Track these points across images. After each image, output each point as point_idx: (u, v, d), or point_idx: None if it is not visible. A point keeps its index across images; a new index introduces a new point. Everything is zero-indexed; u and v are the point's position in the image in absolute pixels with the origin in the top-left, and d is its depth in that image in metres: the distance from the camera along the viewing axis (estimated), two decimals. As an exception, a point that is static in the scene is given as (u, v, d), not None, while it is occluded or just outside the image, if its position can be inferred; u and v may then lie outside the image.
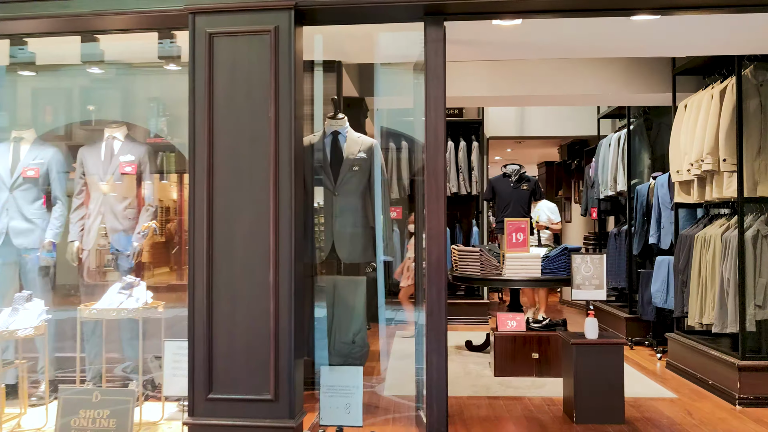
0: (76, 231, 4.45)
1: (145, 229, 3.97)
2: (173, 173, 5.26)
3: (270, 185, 3.26)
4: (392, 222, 4.05)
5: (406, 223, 7.49)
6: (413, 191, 8.26)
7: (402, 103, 6.47)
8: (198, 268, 3.28)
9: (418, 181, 7.64)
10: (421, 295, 4.10)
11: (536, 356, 5.54)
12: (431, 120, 3.37)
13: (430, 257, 3.34)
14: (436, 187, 3.35)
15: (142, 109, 4.82)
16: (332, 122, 3.97)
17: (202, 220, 3.28)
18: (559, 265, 5.83)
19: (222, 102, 3.31)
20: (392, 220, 4.17)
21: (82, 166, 4.51)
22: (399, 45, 4.66)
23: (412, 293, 6.99)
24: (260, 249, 3.26)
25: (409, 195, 8.41)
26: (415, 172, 8.18)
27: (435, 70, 3.38)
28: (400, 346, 6.78)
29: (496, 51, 4.41)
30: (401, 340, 7.10)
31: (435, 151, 3.35)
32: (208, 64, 3.32)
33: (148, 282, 4.34)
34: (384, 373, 5.60)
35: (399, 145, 8.27)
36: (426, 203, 3.35)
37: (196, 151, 3.32)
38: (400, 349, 6.64)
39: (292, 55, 3.28)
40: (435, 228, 3.35)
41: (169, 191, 5.25)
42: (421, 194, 3.53)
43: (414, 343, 4.34)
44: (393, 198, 8.10)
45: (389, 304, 7.37)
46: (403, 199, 8.40)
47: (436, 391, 3.32)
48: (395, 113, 6.87)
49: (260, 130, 3.29)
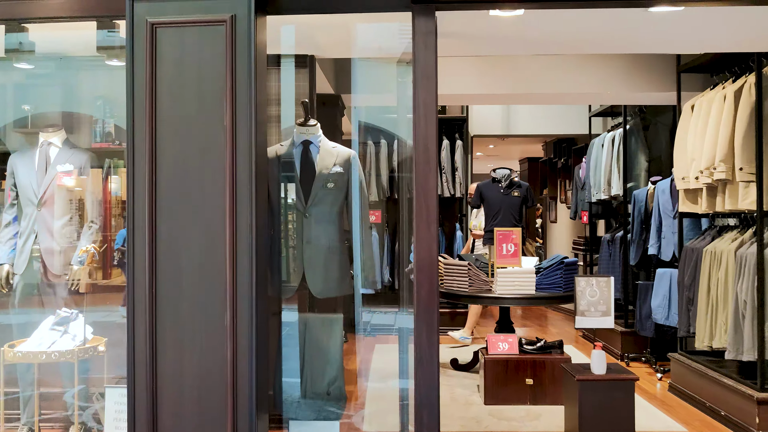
0: (5, 252, 3.83)
1: (83, 253, 3.37)
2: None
3: (226, 206, 2.69)
4: (371, 230, 3.48)
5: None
6: (392, 191, 7.70)
7: (382, 101, 5.93)
8: (138, 308, 2.70)
9: (402, 178, 7.09)
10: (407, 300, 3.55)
11: (530, 382, 5.04)
12: (420, 129, 2.81)
13: (420, 290, 2.80)
14: (426, 209, 2.80)
15: (85, 109, 4.20)
16: (302, 130, 3.38)
17: (143, 250, 2.70)
18: (554, 280, 5.34)
19: (167, 106, 2.73)
20: (371, 225, 3.60)
21: (12, 176, 3.88)
22: (380, 37, 4.10)
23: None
24: (214, 284, 2.69)
25: (388, 196, 7.87)
26: (393, 169, 7.65)
27: (425, 68, 2.82)
28: (382, 362, 6.21)
29: (491, 46, 3.88)
30: (383, 351, 6.53)
31: (425, 167, 2.80)
32: (150, 60, 2.74)
33: (96, 310, 3.76)
34: (363, 396, 5.05)
35: (377, 140, 7.71)
36: (415, 227, 2.80)
37: (135, 166, 2.73)
38: (381, 367, 6.07)
39: (252, 49, 2.71)
40: (425, 257, 2.80)
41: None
42: (406, 200, 2.97)
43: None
44: (372, 200, 7.54)
45: (369, 305, 6.77)
46: (381, 201, 7.86)
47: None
48: (374, 110, 6.31)
49: (214, 140, 2.71)
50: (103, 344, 3.42)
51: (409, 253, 3.80)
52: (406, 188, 7.33)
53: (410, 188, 4.22)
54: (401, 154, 7.26)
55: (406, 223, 3.86)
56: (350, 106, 5.97)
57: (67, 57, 4.04)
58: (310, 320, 3.22)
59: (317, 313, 3.28)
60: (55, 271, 3.77)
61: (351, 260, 3.35)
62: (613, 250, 7.14)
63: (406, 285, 3.69)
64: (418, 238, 2.80)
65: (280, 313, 3.16)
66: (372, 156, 7.75)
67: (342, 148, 3.42)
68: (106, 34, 3.46)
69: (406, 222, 3.86)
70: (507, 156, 14.05)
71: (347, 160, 3.36)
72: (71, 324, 3.37)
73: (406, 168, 7.34)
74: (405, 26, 3.99)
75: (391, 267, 7.79)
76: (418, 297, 2.81)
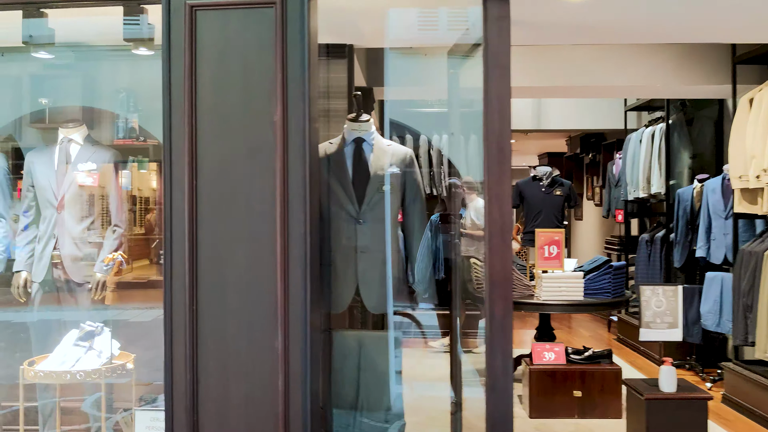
0: (22, 258, 3.52)
1: (109, 262, 3.06)
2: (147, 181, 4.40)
3: (276, 213, 2.37)
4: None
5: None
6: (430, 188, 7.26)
7: (417, 94, 5.61)
8: (177, 328, 2.39)
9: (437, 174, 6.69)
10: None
11: (579, 394, 4.72)
12: (493, 126, 2.49)
13: (493, 309, 2.48)
14: (501, 216, 2.48)
15: (106, 103, 3.89)
16: (354, 126, 3.04)
17: (182, 263, 2.39)
18: (602, 285, 5.01)
19: (209, 100, 2.42)
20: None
21: (30, 175, 3.57)
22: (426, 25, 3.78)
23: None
24: (263, 302, 2.38)
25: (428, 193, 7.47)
26: (433, 171, 7.27)
27: (498, 57, 2.49)
28: (426, 367, 5.84)
29: (556, 34, 3.54)
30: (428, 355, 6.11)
31: (499, 168, 2.48)
32: (189, 48, 2.42)
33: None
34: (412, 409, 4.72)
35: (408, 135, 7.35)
36: (487, 237, 2.48)
37: (172, 168, 2.42)
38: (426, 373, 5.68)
39: (305, 35, 2.39)
40: (499, 271, 2.48)
41: (149, 180, 4.59)
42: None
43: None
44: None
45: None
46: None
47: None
48: (406, 103, 5.98)
49: (262, 138, 2.40)
50: (132, 360, 3.12)
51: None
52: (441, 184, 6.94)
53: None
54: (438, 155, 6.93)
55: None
56: (379, 99, 5.65)
57: (89, 47, 3.72)
58: (364, 339, 2.90)
59: (372, 331, 2.96)
60: (77, 280, 3.47)
61: (406, 270, 3.03)
62: (652, 251, 6.81)
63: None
64: (491, 249, 2.48)
65: (330, 330, 2.85)
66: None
67: (398, 147, 3.08)
68: (133, 21, 3.15)
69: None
70: (525, 151, 13.65)
71: (404, 159, 3.02)
72: (96, 339, 3.07)
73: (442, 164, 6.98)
74: (455, 13, 3.68)
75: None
76: (491, 317, 2.49)
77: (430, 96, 6.00)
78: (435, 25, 3.73)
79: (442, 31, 3.76)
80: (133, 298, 3.99)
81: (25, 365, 2.98)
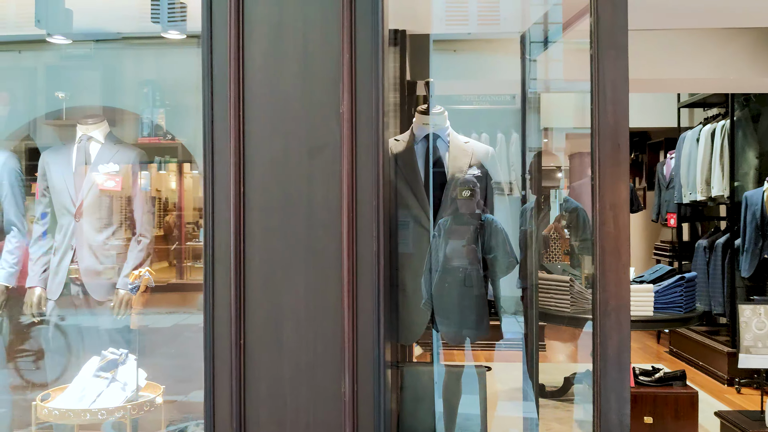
0: (36, 272, 3.11)
1: (136, 280, 2.63)
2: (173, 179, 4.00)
3: (342, 227, 1.93)
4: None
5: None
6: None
7: (466, 88, 5.15)
8: (220, 371, 1.94)
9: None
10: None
11: (650, 420, 4.25)
12: (606, 119, 2.03)
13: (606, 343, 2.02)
14: (616, 230, 2.01)
15: (130, 96, 3.47)
16: (425, 119, 2.57)
17: (227, 287, 1.95)
18: (674, 299, 4.53)
19: (260, 89, 1.97)
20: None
21: (45, 178, 3.16)
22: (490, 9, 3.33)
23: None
24: (326, 338, 1.93)
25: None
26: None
27: (612, 35, 2.03)
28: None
29: (670, 17, 3.07)
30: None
31: (614, 171, 2.02)
32: (235, 25, 1.98)
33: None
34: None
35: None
36: (599, 256, 2.02)
37: (214, 172, 1.98)
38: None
39: (379, 8, 1.94)
40: (613, 296, 2.02)
41: (168, 181, 4.45)
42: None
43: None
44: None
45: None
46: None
47: None
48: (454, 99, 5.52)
49: (325, 135, 1.95)
50: (161, 393, 2.69)
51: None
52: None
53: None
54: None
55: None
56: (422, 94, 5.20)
57: (110, 33, 3.30)
58: (445, 372, 2.43)
59: (454, 363, 2.49)
60: (98, 297, 3.05)
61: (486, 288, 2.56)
62: (713, 259, 6.30)
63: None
64: (604, 271, 2.02)
65: (399, 365, 2.40)
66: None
67: (476, 144, 2.61)
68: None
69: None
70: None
71: (485, 158, 2.55)
72: (120, 368, 2.65)
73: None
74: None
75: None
76: (602, 354, 2.03)
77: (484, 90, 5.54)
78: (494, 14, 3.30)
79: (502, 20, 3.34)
80: (151, 303, 3.65)
81: (37, 401, 2.55)
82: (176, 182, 4.54)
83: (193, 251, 5.74)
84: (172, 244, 4.62)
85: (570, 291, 4.58)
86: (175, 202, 4.60)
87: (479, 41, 5.06)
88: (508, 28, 3.34)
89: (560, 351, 6.80)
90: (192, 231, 6.12)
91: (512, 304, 2.93)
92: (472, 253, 2.42)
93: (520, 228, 2.94)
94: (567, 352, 6.61)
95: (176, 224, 4.76)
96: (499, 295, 2.50)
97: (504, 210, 2.72)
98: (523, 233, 3.00)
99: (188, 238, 5.69)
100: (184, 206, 4.75)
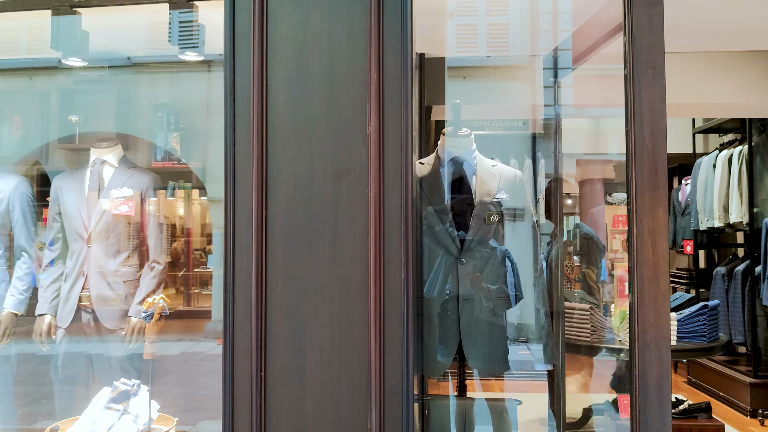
0: (46, 300, 3.03)
1: (150, 307, 2.54)
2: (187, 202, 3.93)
3: (369, 253, 1.84)
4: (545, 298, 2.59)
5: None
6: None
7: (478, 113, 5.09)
8: (240, 405, 1.85)
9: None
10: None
11: (675, 455, 4.10)
12: (644, 142, 1.95)
13: (646, 376, 1.92)
14: (654, 258, 1.92)
15: (144, 120, 3.41)
16: (452, 142, 2.49)
17: (247, 315, 1.86)
18: (696, 328, 4.40)
19: (284, 110, 1.90)
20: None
21: (57, 203, 3.09)
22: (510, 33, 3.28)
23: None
24: (352, 371, 1.83)
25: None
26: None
27: (651, 54, 1.96)
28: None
29: (687, 39, 3.01)
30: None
31: (653, 196, 1.93)
32: (259, 44, 1.91)
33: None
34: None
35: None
36: (637, 285, 1.92)
37: (236, 195, 1.90)
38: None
39: (408, 24, 1.88)
40: (652, 327, 1.92)
41: (175, 207, 4.33)
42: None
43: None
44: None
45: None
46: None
47: None
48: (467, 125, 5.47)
49: (352, 157, 1.87)
50: (174, 426, 2.58)
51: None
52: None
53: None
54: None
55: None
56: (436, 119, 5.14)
57: (125, 57, 3.26)
58: (473, 408, 2.32)
59: (488, 397, 2.38)
60: (110, 325, 2.96)
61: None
62: (732, 286, 6.17)
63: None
64: (643, 300, 1.92)
65: (424, 398, 2.29)
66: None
67: (504, 168, 2.52)
68: (181, 22, 2.67)
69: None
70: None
71: (514, 183, 2.46)
72: (132, 400, 2.54)
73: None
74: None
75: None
76: (642, 387, 1.92)
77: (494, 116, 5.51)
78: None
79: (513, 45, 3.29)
80: (160, 330, 3.57)
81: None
82: (184, 208, 4.47)
83: (200, 278, 5.66)
84: (180, 271, 4.61)
85: (590, 320, 4.47)
86: (183, 229, 4.55)
87: (488, 68, 5.02)
88: (517, 54, 3.30)
89: (574, 380, 6.65)
90: (199, 257, 6.05)
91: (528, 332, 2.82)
92: (500, 281, 2.32)
93: (540, 255, 2.85)
94: (581, 381, 6.46)
95: (183, 251, 4.73)
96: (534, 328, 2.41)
97: (516, 237, 2.63)
98: (542, 260, 2.91)
99: (195, 264, 5.63)
100: (192, 233, 4.71)
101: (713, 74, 4.98)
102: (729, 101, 5.02)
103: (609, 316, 4.62)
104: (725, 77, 5.00)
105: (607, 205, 5.73)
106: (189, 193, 4.25)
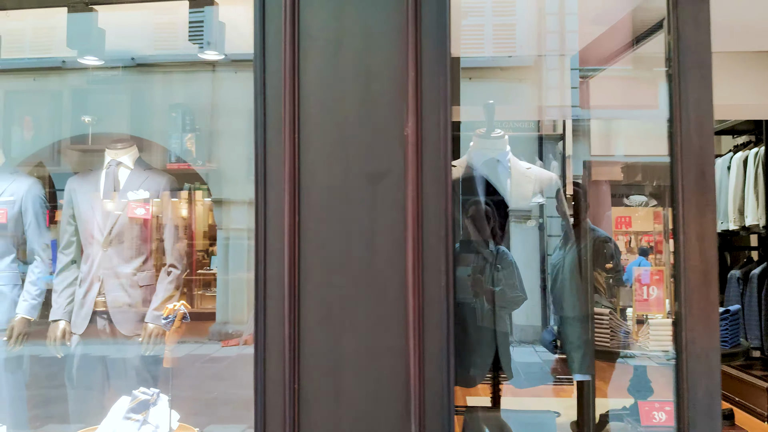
0: (60, 305, 2.95)
1: (171, 314, 2.46)
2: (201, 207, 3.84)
3: (408, 260, 1.76)
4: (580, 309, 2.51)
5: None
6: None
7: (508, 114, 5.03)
8: (272, 418, 1.76)
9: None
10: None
11: (698, 463, 4.00)
12: (690, 143, 1.87)
13: (695, 391, 1.84)
14: (704, 264, 1.84)
15: (160, 121, 3.33)
16: (485, 144, 2.41)
17: (279, 326, 1.78)
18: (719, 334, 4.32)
19: (316, 109, 1.82)
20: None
21: (71, 205, 3.01)
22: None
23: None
24: (390, 386, 1.75)
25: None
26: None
27: (697, 53, 1.88)
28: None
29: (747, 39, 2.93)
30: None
31: (701, 200, 1.85)
32: (290, 42, 1.83)
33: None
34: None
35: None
36: (684, 294, 1.85)
37: (267, 199, 1.82)
38: None
39: (446, 21, 1.80)
40: (702, 336, 1.85)
41: (179, 208, 4.08)
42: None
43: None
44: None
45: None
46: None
47: None
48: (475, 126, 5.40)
49: (388, 160, 1.79)
50: (194, 437, 2.50)
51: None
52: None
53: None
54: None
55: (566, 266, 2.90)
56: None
57: (142, 56, 3.18)
58: (512, 421, 2.24)
59: (527, 412, 2.30)
60: (126, 331, 2.88)
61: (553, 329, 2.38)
62: (747, 290, 6.09)
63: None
64: (691, 309, 1.85)
65: (464, 410, 2.21)
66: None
67: (539, 170, 2.44)
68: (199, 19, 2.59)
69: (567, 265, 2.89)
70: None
71: (549, 186, 2.39)
72: (152, 410, 2.46)
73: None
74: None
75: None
76: (691, 401, 1.84)
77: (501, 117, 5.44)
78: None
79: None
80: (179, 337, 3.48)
81: (62, 445, 2.37)
82: (187, 210, 4.38)
83: (203, 279, 5.59)
84: (183, 272, 4.53)
85: (610, 324, 4.39)
86: (186, 230, 4.48)
87: (494, 69, 4.96)
88: (523, 55, 3.23)
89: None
90: (202, 259, 5.97)
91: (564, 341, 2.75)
92: (537, 288, 2.25)
93: (573, 260, 2.77)
94: (597, 386, 6.37)
95: (187, 252, 4.72)
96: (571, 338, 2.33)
97: (521, 239, 2.55)
98: (574, 265, 2.83)
99: (198, 266, 5.55)
100: (195, 234, 4.63)
101: (727, 75, 4.91)
102: (743, 102, 4.94)
103: (626, 320, 4.55)
104: (739, 78, 4.92)
105: (624, 207, 5.65)
106: (192, 194, 4.17)
